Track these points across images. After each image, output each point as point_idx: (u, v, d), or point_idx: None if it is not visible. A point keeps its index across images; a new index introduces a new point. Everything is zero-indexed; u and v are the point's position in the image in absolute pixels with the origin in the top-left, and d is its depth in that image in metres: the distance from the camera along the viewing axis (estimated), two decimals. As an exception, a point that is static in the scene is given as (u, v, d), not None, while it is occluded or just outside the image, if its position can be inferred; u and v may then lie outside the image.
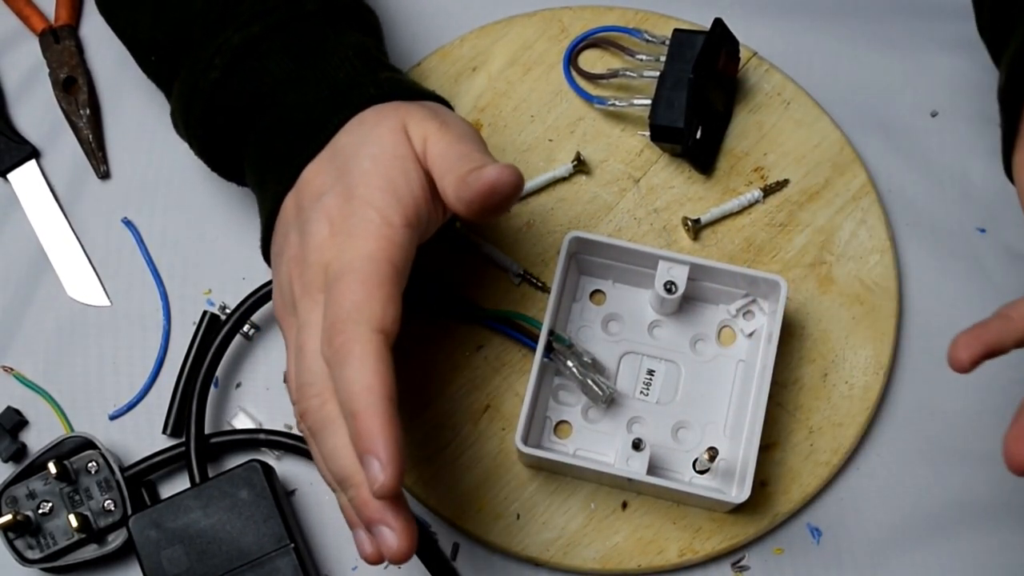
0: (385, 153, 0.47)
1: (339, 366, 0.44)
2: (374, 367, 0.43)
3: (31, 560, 0.55)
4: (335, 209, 0.46)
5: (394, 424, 0.43)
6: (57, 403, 0.60)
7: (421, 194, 0.47)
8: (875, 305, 0.59)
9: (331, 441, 0.45)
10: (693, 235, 0.60)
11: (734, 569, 0.57)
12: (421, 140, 0.48)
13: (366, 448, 0.42)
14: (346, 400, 0.43)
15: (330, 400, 0.45)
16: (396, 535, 0.44)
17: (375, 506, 0.44)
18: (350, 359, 0.43)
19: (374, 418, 0.42)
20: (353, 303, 0.44)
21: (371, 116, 0.49)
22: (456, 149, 0.47)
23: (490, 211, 0.46)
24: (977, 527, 0.57)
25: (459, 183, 0.46)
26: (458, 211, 0.47)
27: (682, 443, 0.57)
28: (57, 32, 0.65)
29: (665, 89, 0.58)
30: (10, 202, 0.63)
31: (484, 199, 0.46)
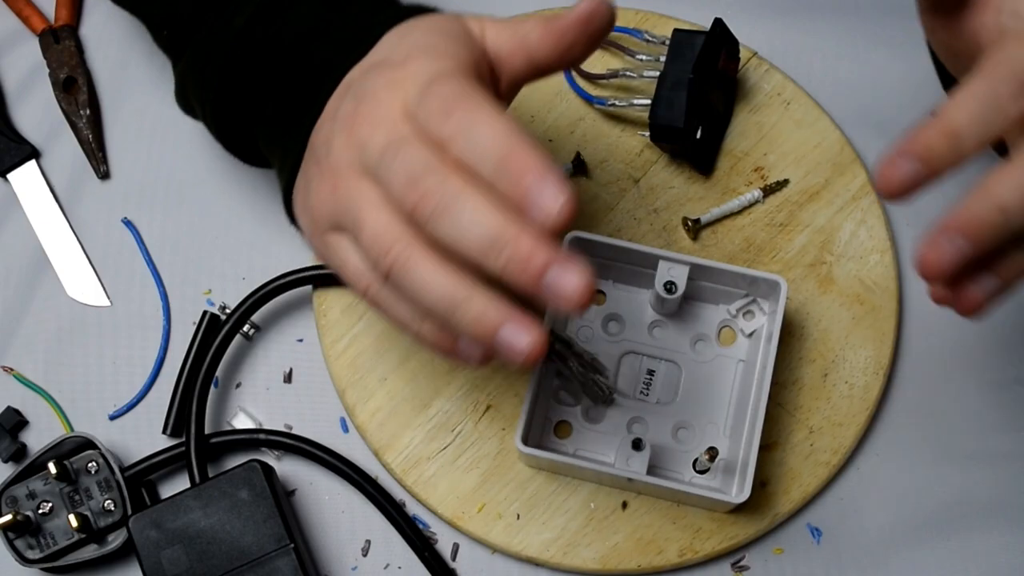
0: (438, 26, 0.44)
1: (468, 128, 0.38)
2: (507, 118, 0.38)
3: (31, 560, 0.55)
4: (389, 69, 0.42)
5: (547, 158, 0.37)
6: (57, 403, 0.60)
7: (482, 59, 0.43)
8: (875, 305, 0.59)
9: (466, 212, 0.37)
10: (693, 235, 0.60)
11: (734, 569, 0.57)
12: (479, 26, 0.45)
13: (531, 178, 0.36)
14: (484, 155, 0.37)
15: (452, 175, 0.38)
16: (577, 270, 0.37)
17: (543, 249, 0.37)
18: (477, 121, 0.38)
19: (528, 150, 0.37)
20: (451, 90, 0.39)
21: (415, 20, 0.46)
22: (517, 24, 0.44)
23: (585, 42, 0.43)
24: (977, 527, 0.57)
25: (543, 26, 0.43)
26: (546, 48, 0.43)
27: (682, 443, 0.57)
28: (57, 32, 0.65)
29: (665, 89, 0.58)
30: (10, 202, 0.63)
31: (583, 24, 0.42)
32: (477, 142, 0.38)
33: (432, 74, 0.40)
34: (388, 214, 0.40)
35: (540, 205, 0.36)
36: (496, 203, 0.37)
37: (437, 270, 0.39)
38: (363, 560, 0.58)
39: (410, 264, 0.39)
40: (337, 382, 0.59)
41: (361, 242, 0.40)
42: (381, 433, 0.58)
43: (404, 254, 0.39)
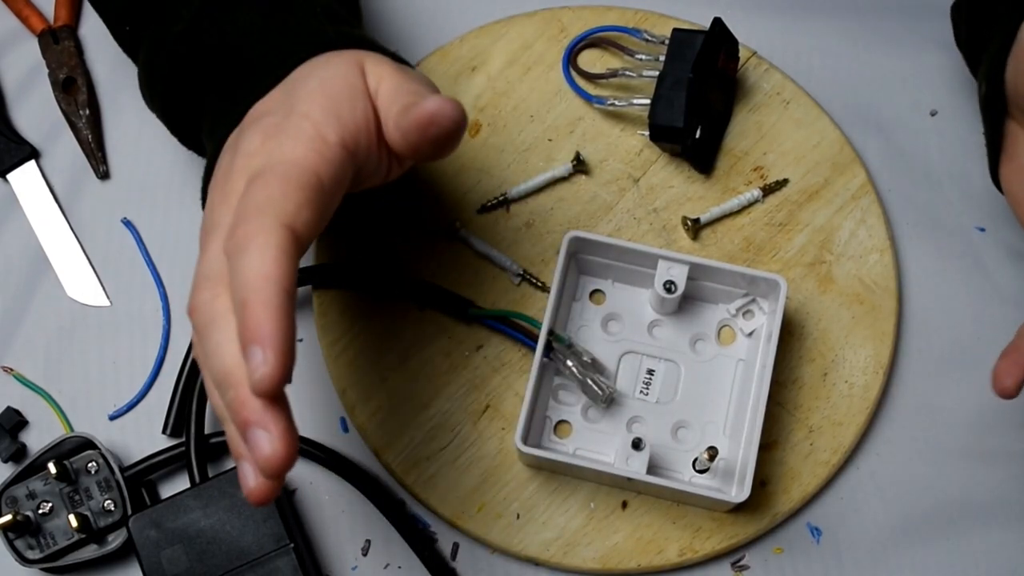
0: (335, 78, 0.45)
1: (237, 255, 0.40)
2: (275, 257, 0.39)
3: (31, 560, 0.55)
4: (271, 125, 0.44)
5: (286, 316, 0.38)
6: (57, 403, 0.60)
7: (364, 124, 0.45)
8: (875, 304, 0.59)
9: (216, 337, 0.41)
10: (693, 235, 0.60)
11: (734, 569, 0.57)
12: (376, 78, 0.46)
13: (251, 336, 0.38)
14: (238, 288, 0.39)
15: (223, 294, 0.41)
16: (273, 439, 0.39)
17: (253, 406, 0.39)
18: (250, 248, 0.39)
19: (264, 306, 0.38)
20: (266, 197, 0.41)
21: (329, 55, 0.47)
22: (408, 87, 0.45)
23: (428, 145, 0.44)
24: (977, 527, 0.57)
25: (400, 112, 0.44)
26: (396, 143, 0.45)
27: (682, 443, 0.57)
28: (56, 32, 0.65)
29: (664, 89, 0.58)
30: (10, 202, 0.63)
31: (422, 130, 0.44)
32: (236, 273, 0.40)
33: (273, 161, 0.42)
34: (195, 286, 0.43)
35: (252, 365, 0.38)
36: (236, 346, 0.40)
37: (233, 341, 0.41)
38: (363, 560, 0.58)
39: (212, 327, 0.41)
40: (337, 382, 0.59)
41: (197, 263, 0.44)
42: (381, 433, 0.58)
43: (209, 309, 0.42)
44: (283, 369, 0.38)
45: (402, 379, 0.59)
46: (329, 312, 0.60)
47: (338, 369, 0.59)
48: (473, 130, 0.62)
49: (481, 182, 0.61)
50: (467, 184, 0.61)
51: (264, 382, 0.38)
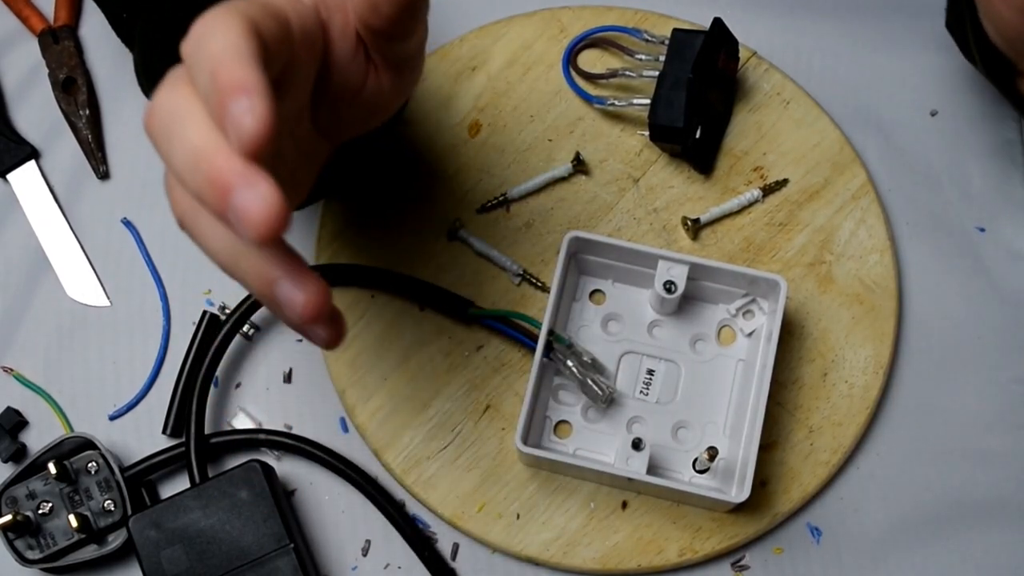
0: None
1: (198, 44, 0.34)
2: (240, 30, 0.34)
3: (31, 560, 0.55)
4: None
5: (264, 77, 0.33)
6: (57, 403, 0.60)
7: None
8: (875, 305, 0.59)
9: (179, 126, 0.34)
10: (693, 235, 0.60)
11: (734, 569, 0.57)
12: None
13: (231, 90, 0.32)
14: (205, 63, 0.34)
15: (184, 86, 0.35)
16: (264, 194, 0.32)
17: (233, 165, 0.33)
18: (212, 31, 0.34)
19: (239, 62, 0.33)
20: (223, 6, 0.35)
21: None
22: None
23: (396, 13, 0.39)
24: (977, 527, 0.57)
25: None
26: (366, 15, 0.40)
27: (682, 443, 0.57)
28: (56, 32, 0.65)
29: (664, 89, 0.58)
30: (10, 202, 0.63)
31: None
32: (201, 54, 0.34)
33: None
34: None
35: (236, 120, 0.32)
36: (207, 123, 0.34)
37: (215, 225, 0.36)
38: (363, 560, 0.58)
39: (191, 222, 0.38)
40: (337, 382, 0.59)
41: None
42: (381, 433, 0.58)
43: (185, 213, 0.37)
44: (271, 117, 0.32)
45: (402, 379, 0.59)
46: (329, 312, 0.60)
47: (338, 369, 0.59)
48: (473, 130, 0.62)
49: (481, 182, 0.61)
50: (467, 184, 0.61)
51: (255, 130, 0.32)
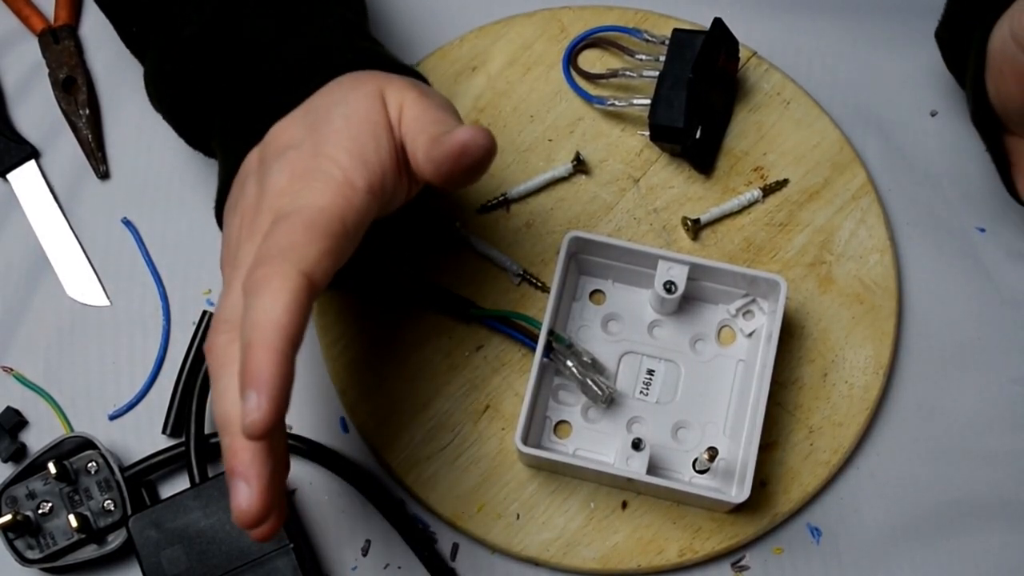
0: (358, 115, 0.45)
1: (252, 295, 0.41)
2: (287, 304, 0.40)
3: (31, 560, 0.55)
4: (299, 163, 0.44)
5: (287, 364, 0.40)
6: (57, 403, 0.60)
7: (389, 163, 0.45)
8: (875, 305, 0.59)
9: (223, 381, 0.42)
10: (693, 235, 0.60)
11: (734, 569, 0.57)
12: (397, 107, 0.46)
13: (249, 380, 0.39)
14: (247, 328, 0.40)
15: (237, 340, 0.42)
16: (250, 494, 0.40)
17: (243, 456, 0.41)
18: (265, 291, 0.40)
19: (267, 352, 0.39)
20: (289, 242, 0.42)
21: (348, 80, 0.47)
22: (431, 115, 0.46)
23: (460, 174, 0.45)
24: (977, 527, 0.57)
25: (430, 143, 0.44)
26: (427, 174, 0.45)
27: (682, 443, 0.57)
28: (56, 32, 0.65)
29: (665, 89, 0.58)
30: (10, 202, 0.63)
31: (455, 160, 0.44)
32: (248, 315, 0.40)
33: (300, 204, 0.43)
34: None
35: (245, 407, 0.39)
36: (235, 390, 0.42)
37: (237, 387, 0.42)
38: (363, 560, 0.58)
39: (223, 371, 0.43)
40: (337, 382, 0.59)
41: (219, 301, 0.45)
42: (381, 433, 0.58)
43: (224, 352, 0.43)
44: (273, 415, 0.39)
45: (402, 379, 0.59)
46: (329, 312, 0.60)
47: (338, 369, 0.59)
48: (473, 130, 0.62)
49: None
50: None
51: (253, 427, 0.39)
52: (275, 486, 0.41)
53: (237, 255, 0.45)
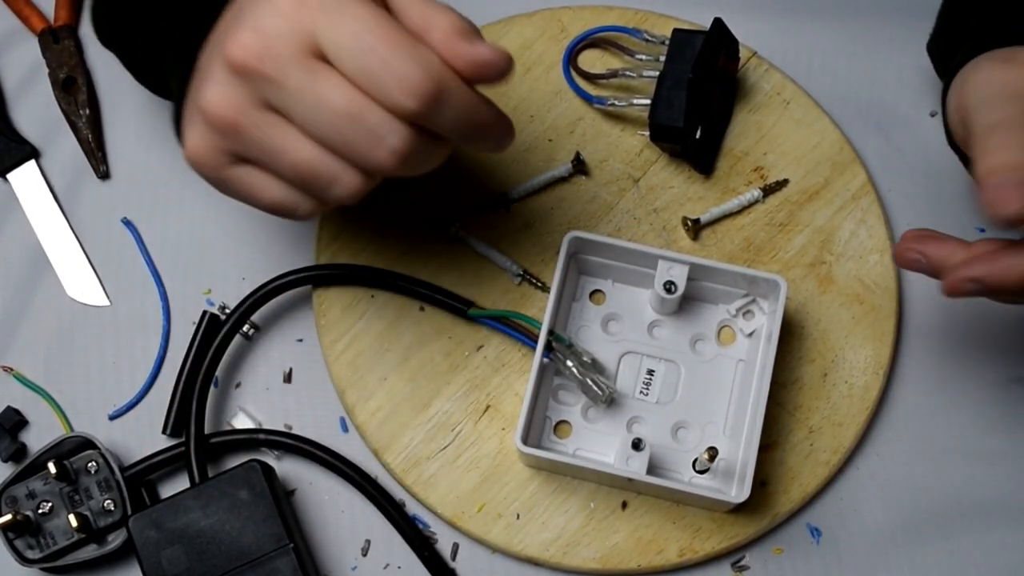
0: None
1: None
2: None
3: (31, 560, 0.55)
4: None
5: None
6: (57, 403, 0.60)
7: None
8: (875, 305, 0.59)
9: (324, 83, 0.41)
10: (693, 235, 0.60)
11: (734, 569, 0.57)
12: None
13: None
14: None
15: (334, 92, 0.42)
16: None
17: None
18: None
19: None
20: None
21: None
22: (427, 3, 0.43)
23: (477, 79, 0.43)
24: (977, 527, 0.57)
25: (448, 43, 0.43)
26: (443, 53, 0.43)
27: (682, 443, 0.57)
28: (56, 32, 0.65)
29: (665, 89, 0.58)
30: (10, 202, 0.63)
31: (472, 71, 0.43)
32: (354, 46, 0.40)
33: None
34: (308, 146, 0.42)
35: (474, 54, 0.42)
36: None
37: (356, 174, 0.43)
38: (363, 560, 0.58)
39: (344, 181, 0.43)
40: (337, 382, 0.59)
41: (285, 173, 0.44)
42: (381, 433, 0.58)
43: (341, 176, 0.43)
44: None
45: (402, 379, 0.59)
46: (329, 312, 0.60)
47: (338, 369, 0.59)
48: (473, 130, 0.62)
49: (481, 182, 0.61)
50: (467, 184, 0.61)
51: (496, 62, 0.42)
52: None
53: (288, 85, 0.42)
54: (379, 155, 0.42)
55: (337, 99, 0.41)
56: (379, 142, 0.41)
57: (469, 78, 0.43)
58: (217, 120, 0.43)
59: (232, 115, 0.43)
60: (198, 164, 0.45)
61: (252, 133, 0.43)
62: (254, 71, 0.41)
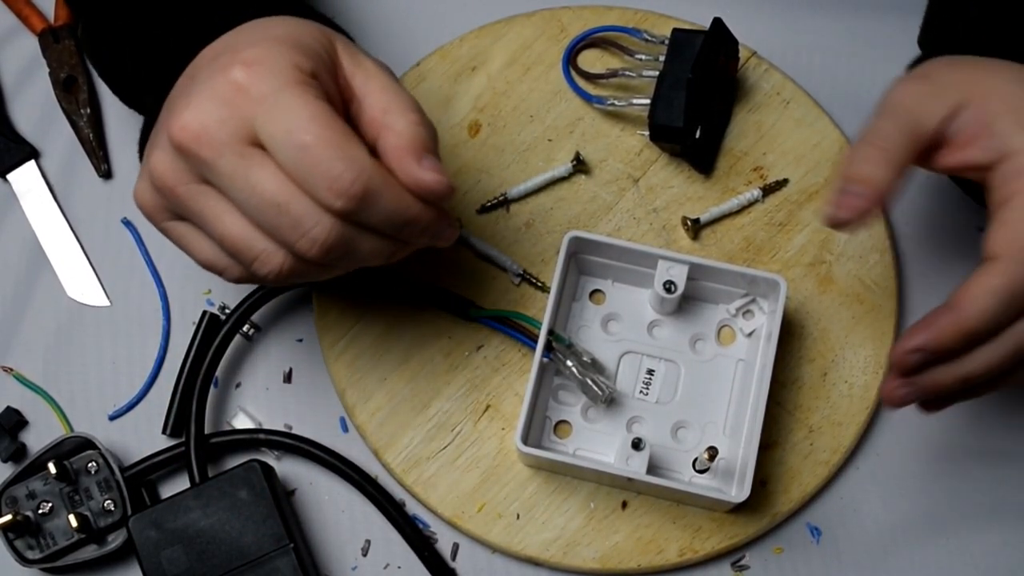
0: (295, 26, 0.46)
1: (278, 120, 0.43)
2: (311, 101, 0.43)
3: (31, 560, 0.55)
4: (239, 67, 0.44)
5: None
6: (57, 403, 0.60)
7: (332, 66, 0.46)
8: (875, 304, 0.59)
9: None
10: (692, 234, 0.60)
11: (734, 569, 0.57)
12: (353, 66, 0.47)
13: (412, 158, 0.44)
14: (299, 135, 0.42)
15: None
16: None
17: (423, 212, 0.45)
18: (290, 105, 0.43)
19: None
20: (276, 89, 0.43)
21: (289, 18, 0.48)
22: (392, 94, 0.46)
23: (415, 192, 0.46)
24: (977, 527, 0.57)
25: (397, 154, 0.45)
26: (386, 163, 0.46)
27: (682, 442, 0.57)
28: (56, 32, 0.65)
29: (664, 89, 0.58)
30: (10, 202, 0.63)
31: (416, 189, 0.45)
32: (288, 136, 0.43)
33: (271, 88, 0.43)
34: (239, 222, 0.45)
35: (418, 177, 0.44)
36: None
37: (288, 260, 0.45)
38: (363, 560, 0.58)
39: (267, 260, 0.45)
40: (337, 382, 0.59)
41: (217, 241, 0.46)
42: (381, 433, 0.58)
43: (265, 255, 0.45)
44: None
45: (402, 379, 0.59)
46: (329, 312, 0.60)
47: (338, 369, 0.59)
48: (473, 130, 0.62)
49: (481, 182, 0.61)
50: (467, 184, 0.61)
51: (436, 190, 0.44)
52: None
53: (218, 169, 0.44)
54: (302, 244, 0.44)
55: (267, 187, 0.43)
56: (303, 231, 0.43)
57: (408, 189, 0.45)
58: (158, 183, 0.45)
59: (171, 183, 0.45)
60: (143, 210, 0.48)
61: (187, 202, 0.45)
62: (192, 153, 0.44)
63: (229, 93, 0.43)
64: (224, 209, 0.45)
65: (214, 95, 0.43)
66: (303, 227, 0.43)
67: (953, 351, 0.46)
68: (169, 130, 0.44)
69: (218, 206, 0.45)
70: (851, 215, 0.46)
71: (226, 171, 0.43)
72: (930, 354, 0.46)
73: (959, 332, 0.45)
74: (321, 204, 0.43)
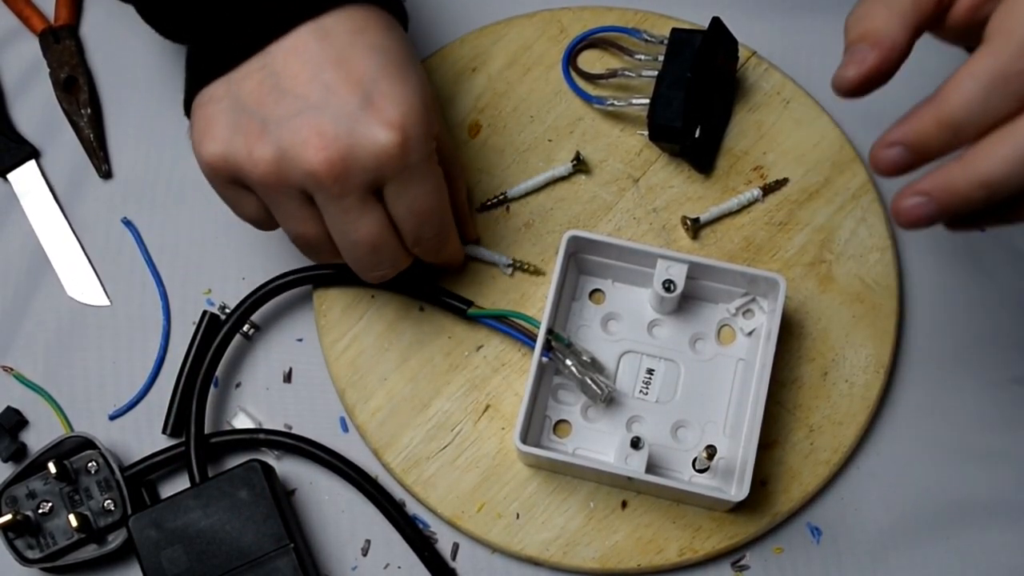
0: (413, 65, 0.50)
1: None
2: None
3: (31, 560, 0.55)
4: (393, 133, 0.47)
5: None
6: (57, 403, 0.60)
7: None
8: (875, 304, 0.59)
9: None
10: (692, 234, 0.60)
11: (734, 568, 0.57)
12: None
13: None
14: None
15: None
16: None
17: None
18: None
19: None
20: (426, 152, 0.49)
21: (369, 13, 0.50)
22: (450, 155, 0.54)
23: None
24: (977, 527, 0.57)
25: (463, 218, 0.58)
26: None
27: (681, 442, 0.57)
28: (57, 32, 0.65)
29: (664, 88, 0.58)
30: (10, 202, 0.63)
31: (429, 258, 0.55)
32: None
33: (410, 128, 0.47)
34: (321, 232, 0.50)
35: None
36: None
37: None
38: (363, 560, 0.58)
39: (326, 259, 0.54)
40: (337, 382, 0.59)
41: (291, 235, 0.51)
42: (381, 433, 0.58)
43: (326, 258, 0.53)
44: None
45: (402, 379, 0.59)
46: (329, 312, 0.60)
47: (338, 369, 0.59)
48: (473, 130, 0.62)
49: (481, 182, 0.61)
50: (467, 184, 0.61)
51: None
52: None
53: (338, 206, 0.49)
54: (373, 276, 0.53)
55: (372, 230, 0.49)
56: (379, 269, 0.52)
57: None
58: (256, 177, 0.48)
59: (273, 183, 0.47)
60: (210, 168, 0.49)
61: (278, 197, 0.48)
62: (321, 183, 0.47)
63: (377, 152, 0.46)
64: (309, 215, 0.49)
65: (362, 149, 0.46)
66: (381, 267, 0.52)
67: (940, 148, 0.40)
68: (307, 151, 0.46)
69: (303, 212, 0.49)
70: (858, 70, 0.42)
71: (342, 206, 0.47)
72: (912, 151, 0.41)
73: (940, 122, 0.40)
74: (409, 252, 0.52)
